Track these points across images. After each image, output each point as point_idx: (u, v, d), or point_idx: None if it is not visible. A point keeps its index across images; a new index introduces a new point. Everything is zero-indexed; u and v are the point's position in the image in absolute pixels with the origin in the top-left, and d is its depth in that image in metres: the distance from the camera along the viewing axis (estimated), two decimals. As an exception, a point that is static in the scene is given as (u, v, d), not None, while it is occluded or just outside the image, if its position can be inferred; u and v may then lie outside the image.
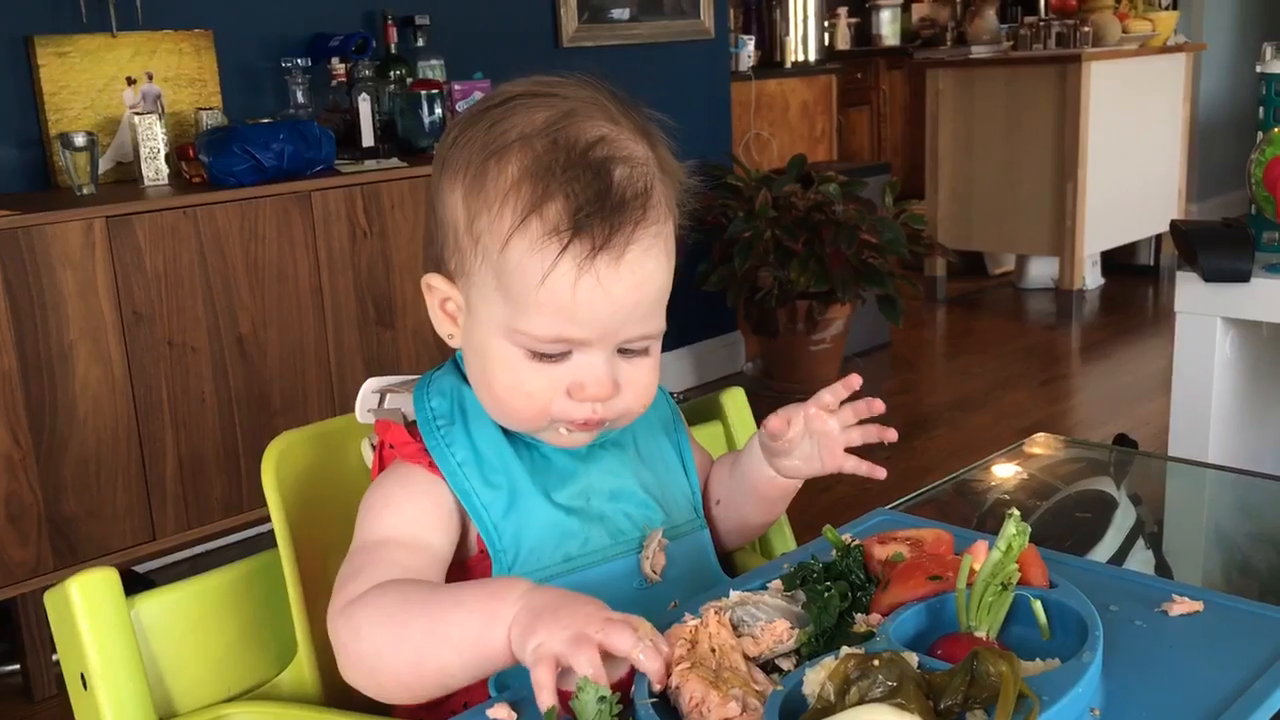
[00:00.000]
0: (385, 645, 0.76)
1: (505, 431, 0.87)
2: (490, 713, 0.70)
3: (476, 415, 0.87)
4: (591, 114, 0.83)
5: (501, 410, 0.85)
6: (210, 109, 2.65)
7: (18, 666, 2.29)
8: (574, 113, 0.82)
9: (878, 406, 0.89)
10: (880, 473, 0.89)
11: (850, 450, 0.89)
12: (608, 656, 0.67)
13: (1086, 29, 4.76)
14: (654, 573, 0.87)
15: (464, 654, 0.73)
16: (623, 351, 0.84)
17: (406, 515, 0.84)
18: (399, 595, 0.77)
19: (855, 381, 0.89)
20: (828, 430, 0.88)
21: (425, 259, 0.89)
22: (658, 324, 0.84)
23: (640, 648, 0.66)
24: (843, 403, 0.89)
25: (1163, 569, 1.24)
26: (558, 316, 0.80)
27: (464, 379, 0.89)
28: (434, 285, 0.87)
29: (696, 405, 1.13)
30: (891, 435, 0.89)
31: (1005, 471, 1.35)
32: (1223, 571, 1.27)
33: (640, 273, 0.80)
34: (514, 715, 0.70)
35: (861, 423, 0.89)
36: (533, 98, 0.83)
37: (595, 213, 0.78)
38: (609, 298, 0.79)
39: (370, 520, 0.85)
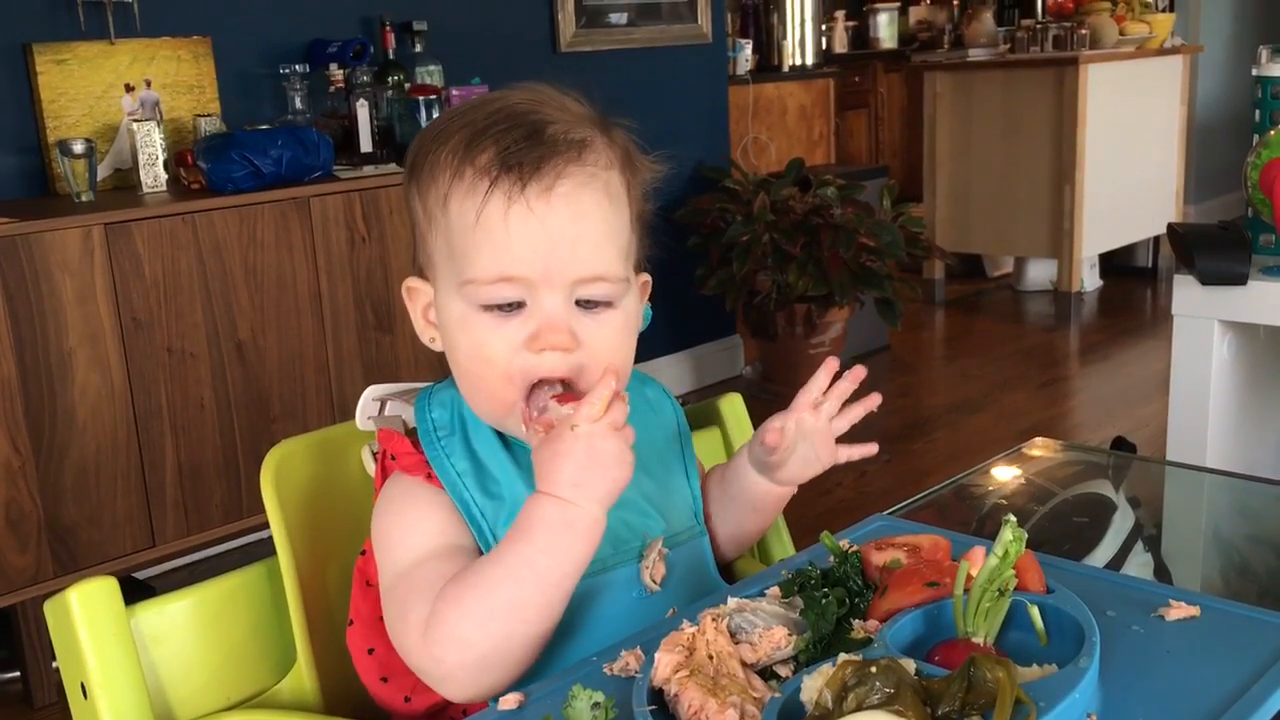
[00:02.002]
0: (500, 632, 0.76)
1: (503, 442, 0.87)
2: (501, 702, 0.71)
3: (475, 426, 0.87)
4: (537, 99, 0.85)
5: (472, 386, 0.84)
6: (208, 115, 2.65)
7: (18, 674, 2.29)
8: (517, 97, 0.85)
9: (858, 374, 0.90)
10: (873, 448, 0.90)
11: (841, 438, 0.90)
12: None
13: (1084, 31, 4.76)
14: (653, 582, 0.87)
15: (577, 567, 0.77)
16: (582, 305, 0.82)
17: (426, 531, 0.83)
18: (463, 589, 0.78)
19: (833, 364, 0.90)
20: (818, 427, 0.89)
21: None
22: (610, 266, 0.82)
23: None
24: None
25: (1162, 572, 1.24)
26: (495, 253, 0.80)
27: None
28: (413, 287, 0.88)
29: (694, 411, 1.13)
30: (875, 400, 0.90)
31: (1004, 475, 1.35)
32: (1222, 574, 1.27)
33: (576, 205, 0.80)
34: (523, 700, 0.71)
35: (845, 403, 0.90)
36: (481, 100, 0.86)
37: (524, 150, 0.80)
38: (544, 228, 0.79)
39: (394, 550, 0.83)
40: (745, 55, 5.02)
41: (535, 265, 0.80)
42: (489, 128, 0.81)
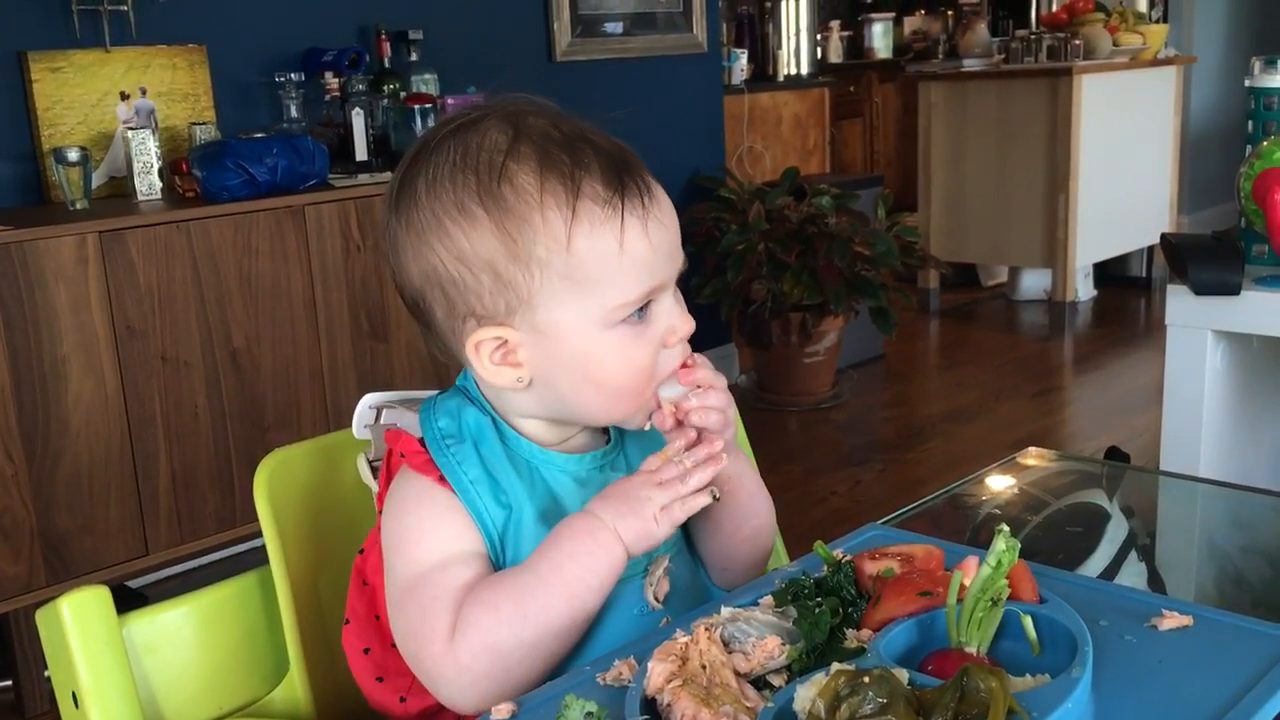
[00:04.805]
0: (531, 640, 0.78)
1: (508, 452, 0.86)
2: (494, 711, 0.71)
3: (482, 435, 0.86)
4: (521, 108, 0.85)
5: (617, 399, 0.85)
6: (203, 123, 2.65)
7: (10, 683, 2.28)
8: (515, 115, 0.85)
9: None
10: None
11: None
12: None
13: (1077, 42, 4.78)
14: (656, 600, 0.87)
15: (600, 581, 0.81)
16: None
17: (445, 535, 0.83)
18: (499, 594, 0.79)
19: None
20: None
21: (449, 331, 0.86)
22: None
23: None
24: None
25: (1155, 582, 1.24)
26: (642, 272, 0.83)
27: (469, 400, 0.88)
28: (483, 339, 0.84)
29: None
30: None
31: (998, 485, 1.36)
32: (1215, 584, 1.27)
33: (669, 201, 0.86)
34: (515, 709, 0.71)
35: None
36: (472, 127, 0.84)
37: (620, 169, 0.83)
38: (669, 232, 0.85)
39: (412, 551, 0.83)
40: (740, 65, 5.04)
41: (668, 269, 0.85)
42: (557, 158, 0.82)
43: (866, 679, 0.63)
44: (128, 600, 0.89)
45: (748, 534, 0.93)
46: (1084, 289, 5.08)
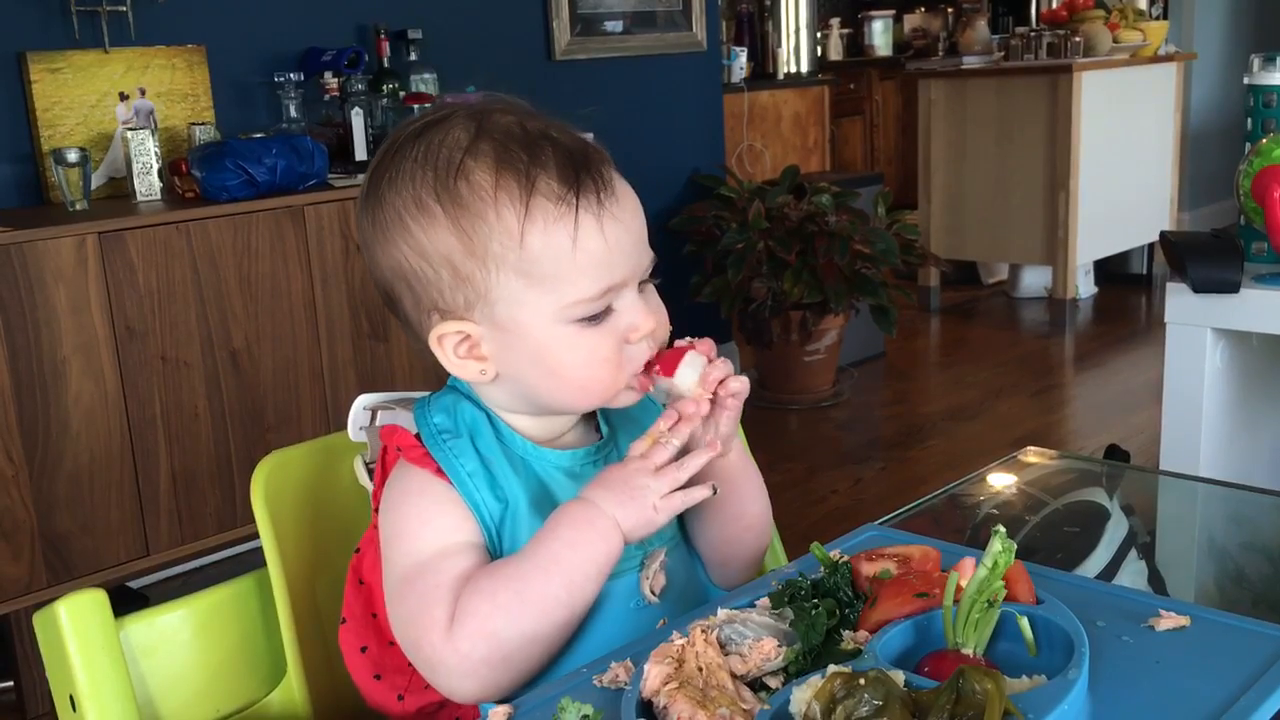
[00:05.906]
0: (529, 629, 0.79)
1: (504, 453, 0.87)
2: (491, 714, 0.71)
3: (478, 432, 0.87)
4: (492, 107, 0.86)
5: (585, 390, 0.86)
6: (203, 124, 2.65)
7: (11, 684, 2.28)
8: (481, 112, 0.85)
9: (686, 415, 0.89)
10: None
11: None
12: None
13: (1077, 39, 4.78)
14: (653, 594, 0.87)
15: (598, 569, 0.81)
16: (639, 285, 0.87)
17: (444, 526, 0.83)
18: (496, 583, 0.79)
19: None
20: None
21: (418, 324, 0.87)
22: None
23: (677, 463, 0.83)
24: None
25: (1156, 581, 1.24)
26: (599, 270, 0.83)
27: (462, 396, 0.88)
28: (446, 333, 0.85)
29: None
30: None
31: (997, 484, 1.35)
32: (1216, 583, 1.27)
33: (632, 199, 0.86)
34: (512, 712, 0.71)
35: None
36: (437, 124, 0.85)
37: (578, 167, 0.83)
38: (629, 230, 0.84)
39: (410, 541, 0.83)
40: (740, 63, 5.03)
41: (627, 267, 0.84)
42: (514, 155, 0.82)
43: (863, 681, 0.63)
44: (129, 601, 0.89)
45: (747, 522, 0.94)
46: (1084, 286, 5.08)
